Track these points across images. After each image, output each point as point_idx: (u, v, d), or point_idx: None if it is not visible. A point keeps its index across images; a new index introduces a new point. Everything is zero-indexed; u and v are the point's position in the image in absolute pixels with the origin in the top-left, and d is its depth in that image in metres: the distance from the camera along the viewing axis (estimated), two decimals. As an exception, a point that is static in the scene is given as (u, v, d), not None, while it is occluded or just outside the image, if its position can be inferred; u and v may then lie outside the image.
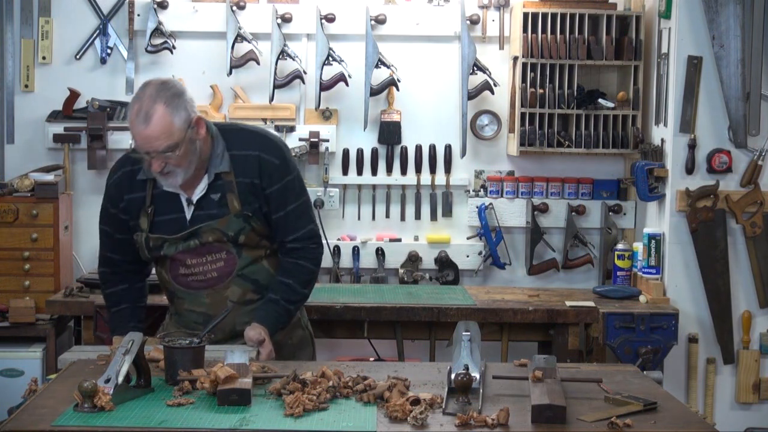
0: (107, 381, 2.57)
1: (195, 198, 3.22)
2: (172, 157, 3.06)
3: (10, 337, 4.33)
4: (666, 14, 4.47)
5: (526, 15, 4.63)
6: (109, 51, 4.81)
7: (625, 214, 4.89)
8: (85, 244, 4.86)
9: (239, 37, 4.74)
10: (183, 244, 3.23)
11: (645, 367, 3.98)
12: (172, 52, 4.77)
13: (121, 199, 3.28)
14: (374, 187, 4.92)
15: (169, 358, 2.77)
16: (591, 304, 4.31)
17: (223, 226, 3.21)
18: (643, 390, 2.78)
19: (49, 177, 4.61)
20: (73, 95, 4.75)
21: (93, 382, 2.49)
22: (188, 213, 3.22)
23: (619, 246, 4.66)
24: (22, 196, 4.50)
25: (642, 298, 4.44)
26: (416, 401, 2.54)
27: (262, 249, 3.30)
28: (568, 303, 4.32)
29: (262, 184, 3.22)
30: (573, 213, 4.86)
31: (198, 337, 2.86)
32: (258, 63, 4.78)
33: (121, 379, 2.58)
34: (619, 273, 4.62)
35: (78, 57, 4.83)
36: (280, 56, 4.74)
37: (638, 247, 4.59)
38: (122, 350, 2.64)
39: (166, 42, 4.75)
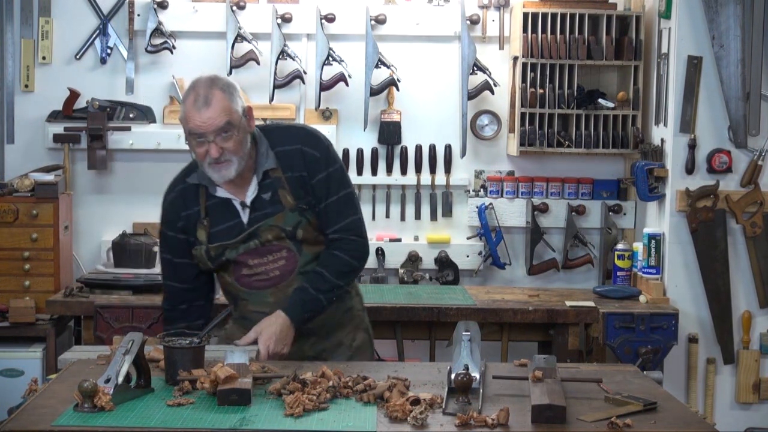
0: (107, 381, 2.57)
1: (248, 200, 3.23)
2: (230, 138, 3.08)
3: (10, 337, 4.32)
4: (666, 14, 4.47)
5: (526, 15, 4.63)
6: (109, 51, 4.81)
7: (625, 214, 4.89)
8: (85, 244, 4.86)
9: (239, 37, 4.73)
10: (243, 246, 3.24)
11: (645, 367, 3.98)
12: (172, 52, 4.77)
13: (178, 218, 3.28)
14: (374, 187, 4.91)
15: (169, 358, 2.77)
16: (591, 304, 4.31)
17: (280, 222, 3.22)
18: (643, 390, 2.78)
19: (49, 177, 4.61)
20: (73, 95, 4.75)
21: (93, 382, 2.49)
22: (245, 217, 3.24)
23: (619, 246, 4.66)
24: (22, 196, 4.50)
25: (642, 298, 4.44)
26: (416, 401, 2.54)
27: (321, 245, 3.31)
28: (568, 303, 4.32)
29: (308, 176, 3.25)
30: (573, 213, 4.86)
31: (198, 337, 2.86)
32: (258, 63, 4.78)
33: (121, 379, 2.58)
34: (619, 273, 4.62)
35: (78, 57, 4.83)
36: (280, 56, 4.74)
37: (638, 247, 4.58)
38: (122, 350, 2.63)
39: (166, 42, 4.75)
